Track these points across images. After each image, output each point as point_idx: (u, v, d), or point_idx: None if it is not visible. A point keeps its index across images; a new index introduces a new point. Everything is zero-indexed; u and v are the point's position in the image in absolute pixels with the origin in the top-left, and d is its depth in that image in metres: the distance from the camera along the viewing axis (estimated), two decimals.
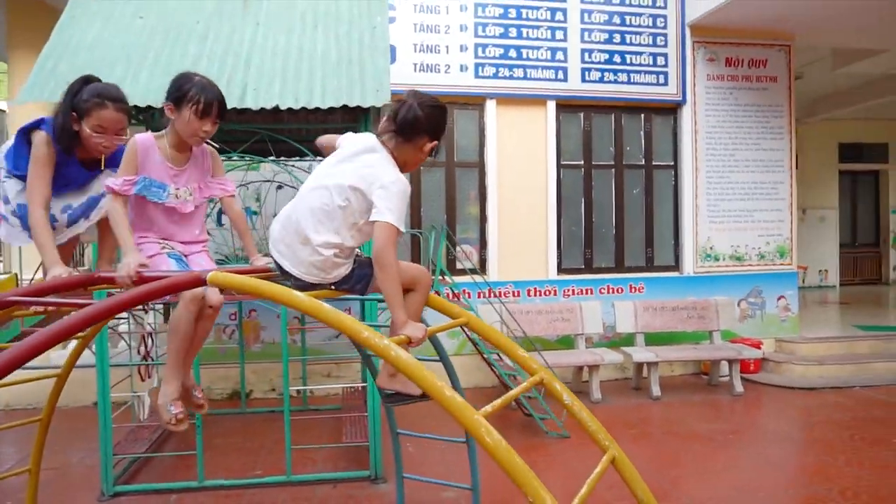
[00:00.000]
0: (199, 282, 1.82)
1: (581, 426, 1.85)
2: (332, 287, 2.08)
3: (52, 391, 3.14)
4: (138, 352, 5.59)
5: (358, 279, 2.04)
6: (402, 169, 2.07)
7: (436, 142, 2.08)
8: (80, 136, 2.28)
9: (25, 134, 2.31)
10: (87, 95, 2.25)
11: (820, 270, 12.78)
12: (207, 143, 2.45)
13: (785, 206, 7.86)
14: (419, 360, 1.84)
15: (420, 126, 2.03)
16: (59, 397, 3.17)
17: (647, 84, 7.45)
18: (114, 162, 2.34)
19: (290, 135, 5.04)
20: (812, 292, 12.18)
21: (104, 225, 2.44)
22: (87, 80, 2.33)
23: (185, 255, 2.32)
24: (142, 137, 2.25)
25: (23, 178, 2.31)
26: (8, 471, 4.52)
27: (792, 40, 7.75)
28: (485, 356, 5.80)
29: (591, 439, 1.81)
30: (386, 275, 1.89)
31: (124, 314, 5.42)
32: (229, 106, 4.00)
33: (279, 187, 6.67)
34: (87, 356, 5.82)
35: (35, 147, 2.26)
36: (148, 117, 4.45)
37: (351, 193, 1.97)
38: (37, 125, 2.29)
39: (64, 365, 3.11)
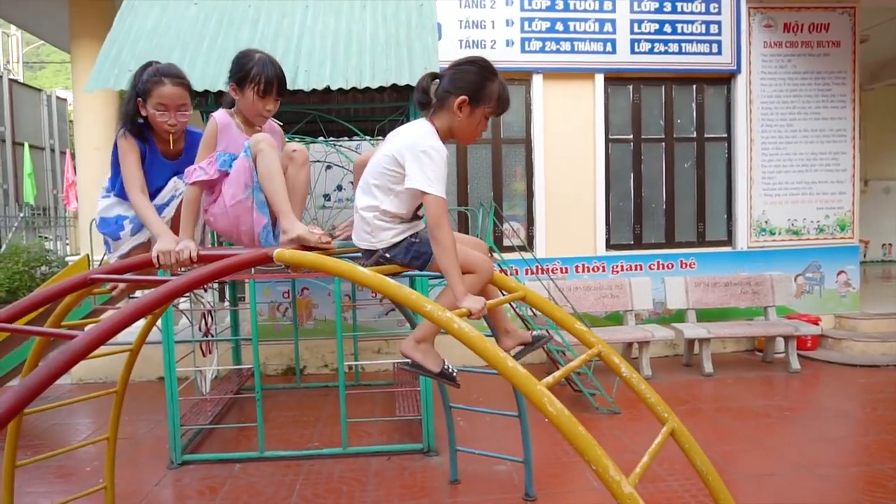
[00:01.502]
0: (267, 258, 1.90)
1: (639, 398, 1.86)
2: (386, 255, 2.11)
3: (125, 364, 3.32)
4: (199, 328, 5.82)
5: (416, 255, 2.07)
6: (457, 137, 2.11)
7: (464, 96, 2.01)
8: (150, 122, 2.34)
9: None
10: (146, 76, 2.31)
11: (883, 244, 12.26)
12: (273, 120, 2.47)
13: (846, 177, 7.55)
14: None
15: (427, 87, 2.09)
16: (132, 370, 3.35)
17: (700, 54, 7.22)
18: (191, 152, 2.37)
19: (340, 115, 5.11)
20: (874, 267, 11.69)
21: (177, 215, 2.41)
22: (149, 65, 2.39)
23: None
24: (220, 115, 2.27)
25: (119, 196, 2.45)
26: (85, 440, 4.82)
27: (857, 2, 7.36)
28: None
29: (650, 411, 1.82)
30: (442, 250, 1.91)
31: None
32: None
33: (328, 167, 6.78)
34: (149, 334, 6.12)
35: (118, 145, 2.36)
36: (204, 102, 4.58)
37: (390, 161, 2.05)
38: (121, 128, 2.38)
39: (136, 340, 3.28)
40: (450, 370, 2.10)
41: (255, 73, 2.20)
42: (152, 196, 2.43)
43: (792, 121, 7.41)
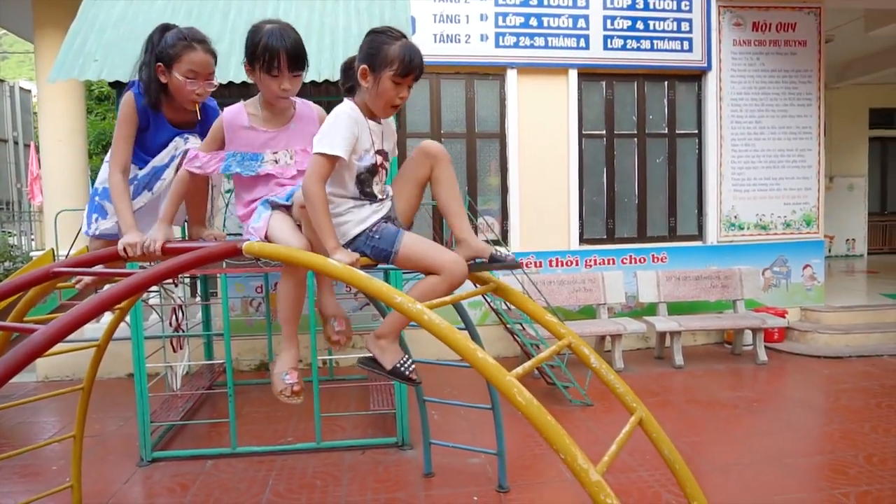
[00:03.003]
0: (236, 251, 1.87)
1: (608, 389, 1.89)
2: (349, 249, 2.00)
3: (92, 360, 3.25)
4: (169, 324, 5.73)
5: (376, 251, 1.98)
6: (374, 110, 2.01)
7: (363, 65, 1.94)
8: (167, 88, 2.17)
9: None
10: (171, 40, 2.13)
11: (847, 239, 12.56)
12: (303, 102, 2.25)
13: (812, 173, 7.73)
14: None
15: (347, 73, 2.05)
16: (98, 366, 3.29)
17: (671, 51, 7.31)
18: (206, 125, 2.23)
19: None
20: (838, 261, 11.99)
21: (191, 188, 2.23)
22: (166, 27, 2.21)
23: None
24: (227, 111, 2.10)
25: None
26: (50, 438, 4.72)
27: (822, 2, 7.53)
28: (508, 326, 5.86)
29: (619, 401, 1.85)
30: (308, 206, 1.89)
31: (154, 287, 5.55)
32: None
33: None
34: (119, 330, 6.00)
35: (119, 109, 2.19)
36: None
37: None
38: (127, 89, 2.23)
39: (103, 335, 3.22)
40: (403, 368, 1.97)
41: (261, 49, 1.97)
42: (153, 154, 2.29)
43: (760, 118, 7.56)
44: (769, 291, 7.60)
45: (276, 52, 1.97)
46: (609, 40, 7.18)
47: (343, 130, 1.92)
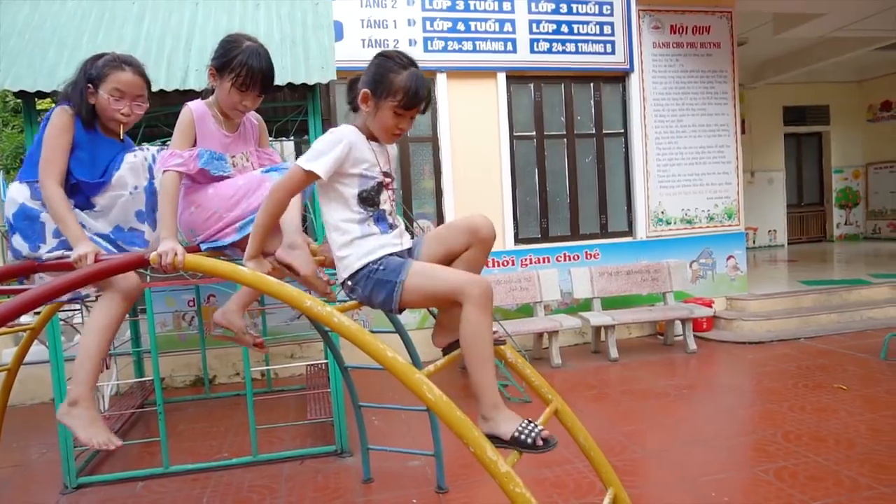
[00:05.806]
0: (143, 262, 1.83)
1: (525, 382, 1.93)
2: (349, 282, 1.84)
3: (2, 386, 3.10)
4: None
5: (377, 287, 1.78)
6: (378, 135, 1.93)
7: (365, 90, 1.86)
8: (96, 110, 2.15)
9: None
10: (102, 63, 2.14)
11: (769, 231, 13.24)
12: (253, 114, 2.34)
13: (731, 168, 8.11)
14: (374, 332, 1.90)
15: (353, 90, 1.95)
16: (10, 392, 3.13)
17: (595, 53, 7.54)
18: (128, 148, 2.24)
19: None
20: (762, 252, 12.62)
21: None
22: (103, 55, 2.24)
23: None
24: (195, 105, 2.10)
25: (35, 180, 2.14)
26: None
27: (732, 6, 7.92)
28: None
29: (535, 393, 1.90)
30: (262, 206, 1.85)
31: (76, 305, 5.31)
32: (170, 88, 3.96)
33: None
34: (42, 352, 5.71)
35: (50, 120, 2.09)
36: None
37: None
38: (60, 103, 2.18)
39: (13, 359, 3.07)
40: (524, 436, 1.65)
41: (237, 63, 2.03)
42: (102, 174, 2.20)
43: (682, 116, 7.88)
44: (697, 283, 7.92)
45: (253, 72, 2.06)
46: (535, 44, 7.34)
47: (331, 150, 1.78)
